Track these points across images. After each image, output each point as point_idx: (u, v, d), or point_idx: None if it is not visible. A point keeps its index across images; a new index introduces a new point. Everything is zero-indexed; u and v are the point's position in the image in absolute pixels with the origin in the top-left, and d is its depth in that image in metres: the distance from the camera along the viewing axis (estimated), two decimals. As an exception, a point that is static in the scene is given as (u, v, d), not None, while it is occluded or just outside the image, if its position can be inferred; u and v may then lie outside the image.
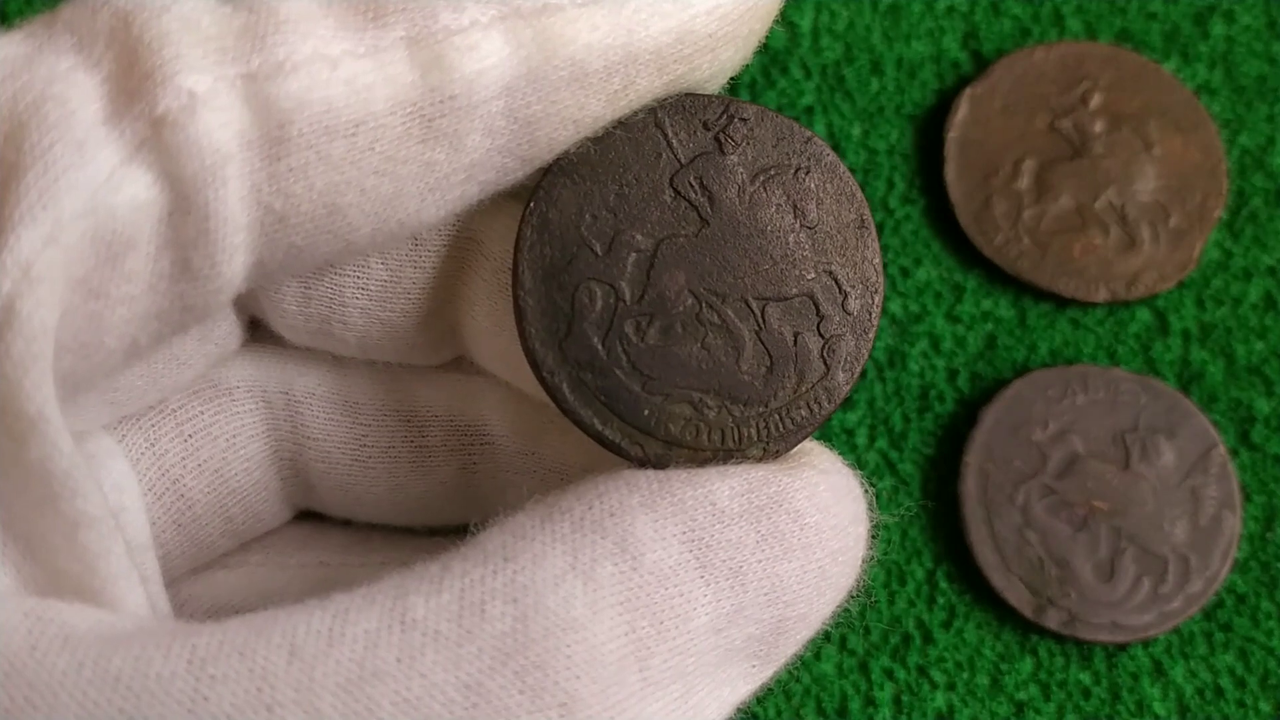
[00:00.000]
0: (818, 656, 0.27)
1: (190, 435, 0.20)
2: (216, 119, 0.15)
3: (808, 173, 0.18)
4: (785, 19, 0.30)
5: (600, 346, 0.17)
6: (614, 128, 0.17)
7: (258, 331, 0.21)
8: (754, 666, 0.17)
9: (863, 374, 0.28)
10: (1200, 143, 0.30)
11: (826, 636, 0.27)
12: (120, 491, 0.19)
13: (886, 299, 0.29)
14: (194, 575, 0.22)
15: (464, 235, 0.19)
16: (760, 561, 0.16)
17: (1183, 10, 0.31)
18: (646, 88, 0.17)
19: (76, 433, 0.16)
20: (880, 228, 0.29)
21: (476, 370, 0.21)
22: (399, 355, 0.20)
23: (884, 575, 0.27)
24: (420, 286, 0.19)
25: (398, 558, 0.21)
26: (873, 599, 0.27)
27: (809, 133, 0.18)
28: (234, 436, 0.21)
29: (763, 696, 0.27)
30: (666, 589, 0.15)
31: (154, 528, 0.20)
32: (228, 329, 0.20)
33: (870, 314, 0.18)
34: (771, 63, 0.30)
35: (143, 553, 0.19)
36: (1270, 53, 0.31)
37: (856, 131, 0.30)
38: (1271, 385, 0.28)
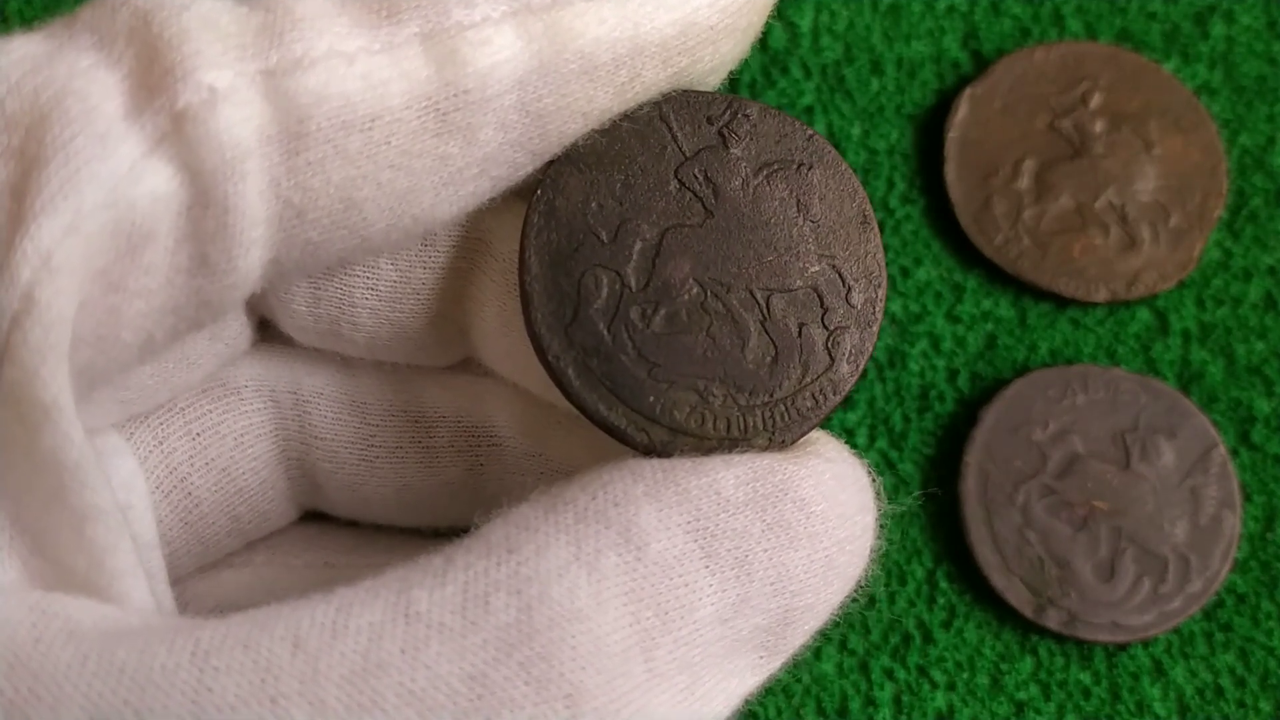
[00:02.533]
0: (818, 656, 0.27)
1: (198, 434, 0.20)
2: (237, 114, 0.15)
3: (810, 168, 0.18)
4: (785, 19, 0.30)
5: (606, 332, 0.17)
6: (620, 120, 0.17)
7: (266, 331, 0.21)
8: (761, 658, 0.17)
9: (865, 370, 0.28)
10: (1200, 143, 0.30)
11: (826, 636, 0.27)
12: (127, 489, 0.19)
13: (886, 299, 0.29)
14: (200, 574, 0.22)
15: (473, 236, 0.19)
16: (766, 551, 0.16)
17: (1183, 10, 0.31)
18: (652, 80, 0.17)
19: (85, 430, 0.16)
20: (880, 227, 0.29)
21: (485, 372, 0.21)
22: (408, 356, 0.20)
23: (884, 575, 0.27)
24: (429, 287, 0.19)
25: (403, 558, 0.21)
26: (874, 599, 0.27)
27: (811, 130, 0.18)
28: (242, 435, 0.21)
29: (763, 696, 0.27)
30: (671, 579, 0.15)
31: (160, 526, 0.20)
32: (238, 329, 0.20)
33: (874, 308, 0.18)
34: (771, 63, 0.30)
35: (149, 550, 0.19)
36: (1270, 53, 0.31)
37: (856, 131, 0.30)
38: (1271, 385, 0.28)
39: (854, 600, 0.17)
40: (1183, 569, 0.27)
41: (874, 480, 0.18)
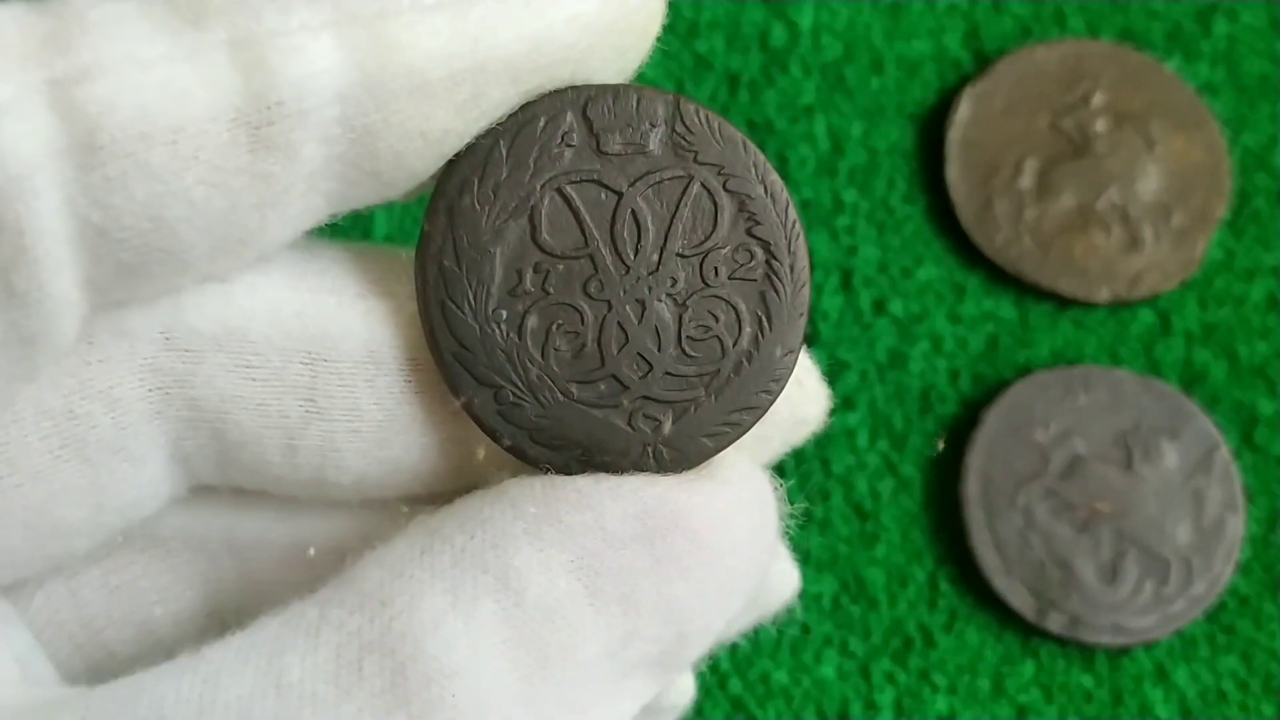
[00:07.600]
0: (818, 660, 0.27)
1: (116, 587, 0.19)
2: (20, 127, 0.14)
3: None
4: (786, 17, 0.30)
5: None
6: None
7: (201, 491, 0.19)
8: (655, 676, 0.16)
9: (849, 383, 0.28)
10: (1203, 142, 0.29)
11: (827, 640, 0.27)
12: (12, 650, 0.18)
13: (888, 299, 0.29)
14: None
15: None
16: (654, 584, 0.15)
17: (1185, 8, 0.31)
18: (500, 99, 0.16)
19: None
20: (881, 227, 0.29)
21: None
22: (408, 491, 0.18)
23: (885, 577, 0.27)
24: (421, 421, 0.17)
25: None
26: (875, 602, 0.27)
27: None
28: (165, 590, 0.19)
29: (763, 700, 0.27)
30: (554, 623, 0.15)
31: (68, 670, 0.19)
32: (133, 499, 0.18)
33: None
34: (771, 61, 0.30)
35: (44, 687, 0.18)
36: (1273, 51, 0.30)
37: (857, 130, 0.30)
38: (1275, 386, 0.28)
39: (854, 603, 0.17)
40: (1185, 571, 0.27)
41: (777, 490, 0.17)
